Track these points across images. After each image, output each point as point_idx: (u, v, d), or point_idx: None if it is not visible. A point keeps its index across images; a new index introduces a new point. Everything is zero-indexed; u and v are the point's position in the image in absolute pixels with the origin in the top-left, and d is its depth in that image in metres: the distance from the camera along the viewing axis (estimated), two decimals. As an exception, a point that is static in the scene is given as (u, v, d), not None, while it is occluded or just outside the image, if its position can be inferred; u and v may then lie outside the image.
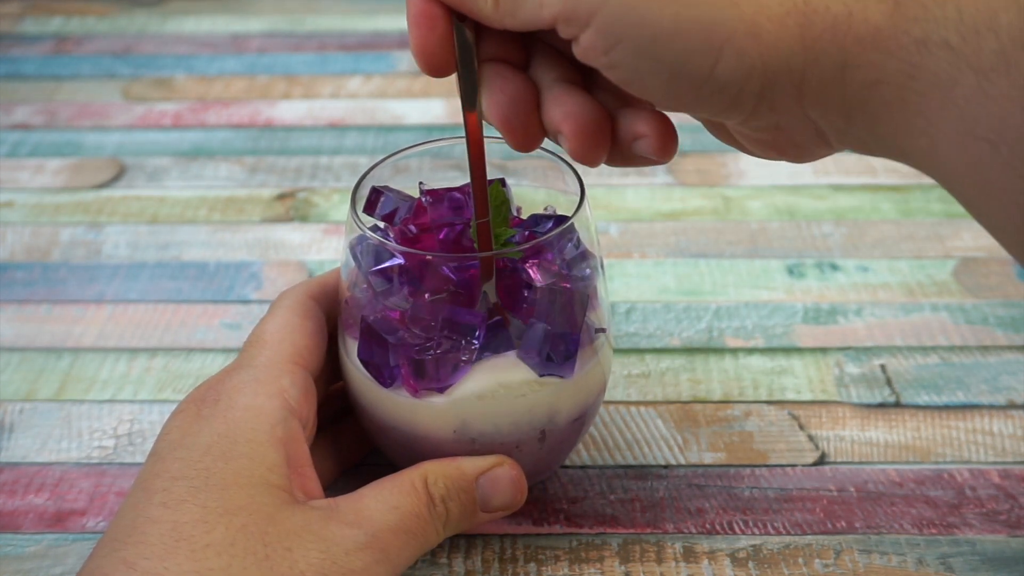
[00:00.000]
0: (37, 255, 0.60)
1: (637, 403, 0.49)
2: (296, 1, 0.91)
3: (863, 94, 0.30)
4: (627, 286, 0.56)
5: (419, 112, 0.74)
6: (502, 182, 0.41)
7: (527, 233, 0.41)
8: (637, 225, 0.61)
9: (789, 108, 0.31)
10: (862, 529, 0.42)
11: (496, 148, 0.44)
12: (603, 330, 0.41)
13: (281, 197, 0.65)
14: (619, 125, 0.34)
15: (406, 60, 0.81)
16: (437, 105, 0.74)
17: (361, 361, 0.40)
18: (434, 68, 0.34)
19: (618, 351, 0.52)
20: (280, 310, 0.41)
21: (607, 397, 0.49)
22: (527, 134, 0.34)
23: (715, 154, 0.68)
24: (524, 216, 0.43)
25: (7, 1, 0.92)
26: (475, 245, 0.39)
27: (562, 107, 0.33)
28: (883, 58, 0.29)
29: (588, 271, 0.41)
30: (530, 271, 0.39)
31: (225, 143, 0.71)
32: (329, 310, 0.42)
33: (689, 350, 0.52)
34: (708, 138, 0.71)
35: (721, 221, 0.62)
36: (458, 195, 0.42)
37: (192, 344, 0.53)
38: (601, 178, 0.66)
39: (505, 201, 0.40)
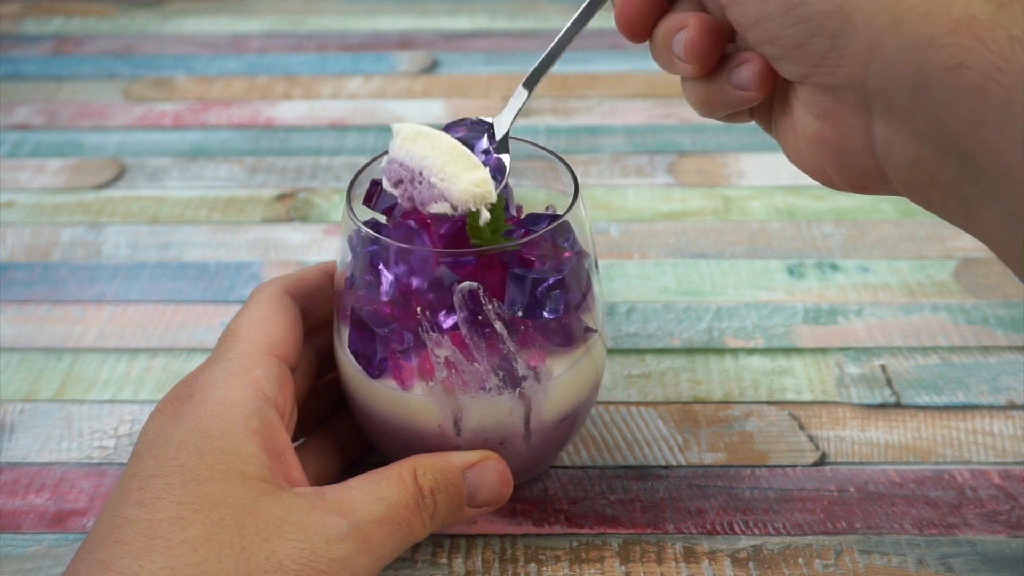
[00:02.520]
0: (37, 255, 0.60)
1: (637, 403, 0.49)
2: (296, 1, 0.91)
3: (940, 75, 0.30)
4: (627, 286, 0.56)
5: (419, 112, 0.74)
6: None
7: (523, 230, 0.41)
8: (637, 225, 0.61)
9: (853, 68, 0.32)
10: (862, 529, 0.42)
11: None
12: (595, 330, 0.41)
13: (281, 197, 0.65)
14: (729, 57, 0.36)
15: (406, 60, 0.81)
16: (437, 105, 0.74)
17: (351, 352, 0.40)
18: None
19: (618, 351, 0.52)
20: (254, 304, 0.41)
21: (608, 397, 0.49)
22: (643, 14, 0.38)
23: (715, 154, 0.68)
24: (523, 215, 0.43)
25: (7, 1, 0.92)
26: (472, 243, 0.39)
27: (691, 12, 0.37)
28: (973, 44, 0.29)
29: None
30: (528, 256, 0.39)
31: (225, 143, 0.71)
32: (307, 305, 0.42)
33: (689, 350, 0.52)
34: (709, 138, 0.72)
35: (721, 221, 0.62)
36: None
37: (192, 344, 0.53)
38: (602, 178, 0.66)
39: (501, 196, 0.40)
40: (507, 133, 0.42)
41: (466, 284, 0.37)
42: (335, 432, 0.44)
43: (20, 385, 0.51)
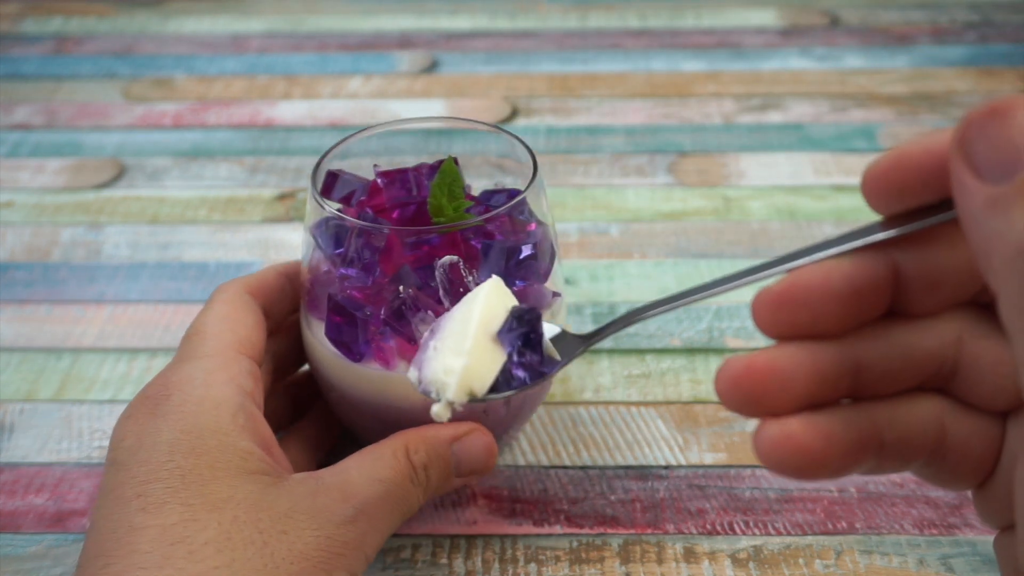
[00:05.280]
0: (37, 255, 0.60)
1: (638, 403, 0.49)
2: (296, 1, 0.91)
3: None
4: (627, 286, 0.56)
5: (419, 112, 0.74)
6: (455, 160, 0.42)
7: (483, 207, 0.42)
8: (637, 225, 0.61)
9: None
10: (863, 530, 0.42)
11: (494, 147, 0.44)
12: (559, 295, 0.42)
13: (281, 197, 0.65)
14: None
15: (406, 60, 0.81)
16: (437, 105, 0.74)
17: (330, 339, 0.40)
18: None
19: (618, 351, 0.52)
20: (218, 304, 0.40)
21: (608, 397, 0.49)
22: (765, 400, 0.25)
23: (715, 154, 0.68)
24: (476, 193, 0.44)
25: (7, 1, 0.92)
26: (433, 221, 0.41)
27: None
28: None
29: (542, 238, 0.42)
30: (488, 228, 0.40)
31: (225, 143, 0.71)
32: (266, 305, 0.42)
33: (690, 350, 0.52)
34: (709, 138, 0.72)
35: (721, 221, 0.62)
36: (412, 175, 0.43)
37: (192, 344, 0.53)
38: (602, 178, 0.66)
39: (457, 178, 0.41)
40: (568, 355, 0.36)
41: (447, 258, 0.38)
42: (305, 431, 0.44)
43: (20, 385, 0.51)
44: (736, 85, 0.76)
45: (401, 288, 0.38)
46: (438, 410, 0.35)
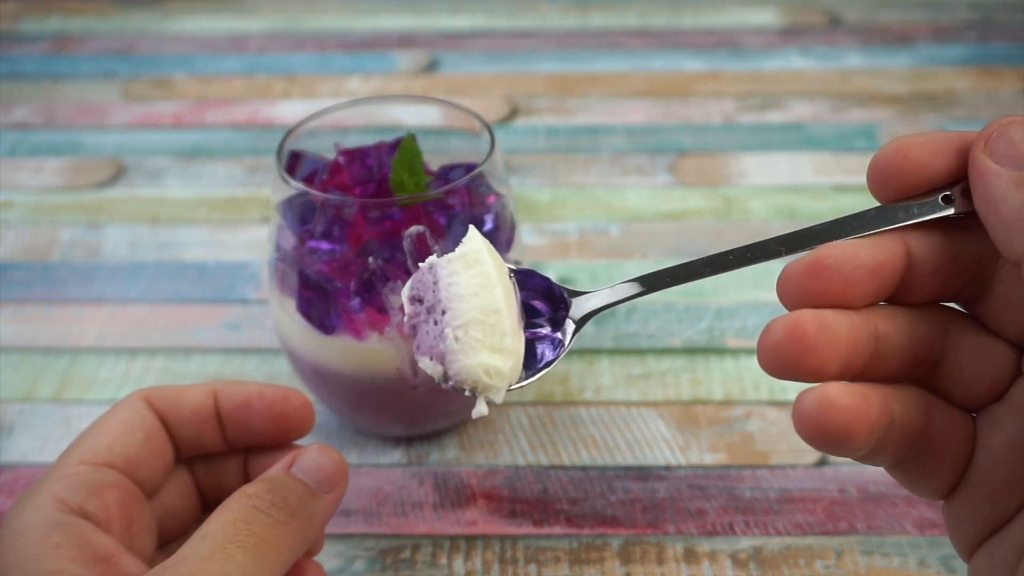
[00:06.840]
0: (37, 255, 0.60)
1: (638, 404, 0.49)
2: (296, 1, 0.91)
3: None
4: (627, 286, 0.56)
5: (419, 111, 0.74)
6: (413, 137, 0.43)
7: (443, 180, 0.43)
8: (638, 225, 0.61)
9: None
10: (863, 530, 0.42)
11: (493, 146, 0.44)
12: (520, 263, 0.43)
13: (281, 197, 0.65)
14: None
15: (406, 59, 0.81)
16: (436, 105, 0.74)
17: (301, 314, 0.41)
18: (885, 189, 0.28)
19: (618, 351, 0.52)
20: (103, 415, 0.37)
21: (608, 397, 0.49)
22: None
23: (715, 154, 0.68)
24: (434, 168, 0.45)
25: (6, 0, 0.92)
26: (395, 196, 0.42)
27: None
28: None
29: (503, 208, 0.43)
30: (449, 201, 0.41)
31: (225, 143, 0.71)
32: (176, 418, 0.37)
33: (690, 351, 0.52)
34: (709, 138, 0.72)
35: (722, 221, 0.61)
36: (372, 152, 0.44)
37: (192, 344, 0.53)
38: (602, 178, 0.66)
39: (418, 154, 0.42)
40: (584, 317, 0.33)
41: (413, 228, 0.39)
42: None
43: (19, 385, 0.51)
44: (736, 85, 0.76)
45: (371, 259, 0.39)
46: (482, 409, 0.31)
